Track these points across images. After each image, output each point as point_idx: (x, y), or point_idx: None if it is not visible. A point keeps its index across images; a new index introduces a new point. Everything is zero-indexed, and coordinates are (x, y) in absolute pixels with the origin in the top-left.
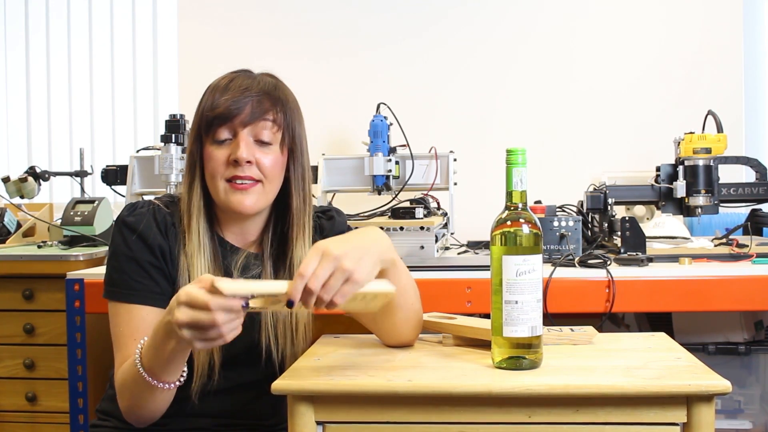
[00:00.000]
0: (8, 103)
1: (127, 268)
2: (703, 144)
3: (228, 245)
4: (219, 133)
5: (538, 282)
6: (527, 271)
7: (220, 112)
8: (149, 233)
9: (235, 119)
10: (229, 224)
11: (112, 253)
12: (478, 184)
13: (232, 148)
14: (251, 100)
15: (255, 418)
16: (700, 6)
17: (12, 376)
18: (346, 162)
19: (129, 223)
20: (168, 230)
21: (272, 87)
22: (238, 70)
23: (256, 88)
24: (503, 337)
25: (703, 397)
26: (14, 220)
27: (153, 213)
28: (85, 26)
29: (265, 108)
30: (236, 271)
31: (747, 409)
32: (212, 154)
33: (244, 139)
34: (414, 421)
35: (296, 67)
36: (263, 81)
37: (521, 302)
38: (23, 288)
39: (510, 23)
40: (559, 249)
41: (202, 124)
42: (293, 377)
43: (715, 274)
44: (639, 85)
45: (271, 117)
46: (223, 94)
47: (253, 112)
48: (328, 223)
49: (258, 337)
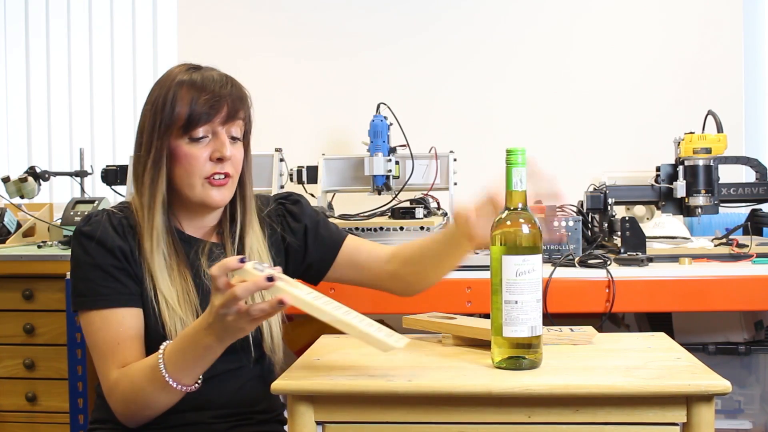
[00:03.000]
0: (8, 103)
1: (92, 275)
2: (703, 144)
3: (186, 237)
4: (197, 132)
5: (537, 282)
6: (527, 271)
7: (202, 111)
8: (107, 238)
9: (215, 119)
10: (189, 217)
11: (74, 265)
12: (478, 184)
13: (215, 145)
14: (227, 99)
15: (246, 406)
16: (700, 6)
17: (12, 376)
18: (346, 162)
19: (86, 232)
20: (126, 232)
21: (239, 88)
22: (192, 65)
23: (228, 87)
24: (503, 337)
25: (703, 397)
26: (14, 220)
27: (108, 218)
28: (85, 26)
29: (237, 107)
30: (203, 261)
31: (747, 409)
32: (190, 153)
33: (224, 137)
34: (414, 421)
35: (296, 67)
36: (226, 78)
37: (521, 302)
38: (23, 288)
39: (510, 23)
40: (559, 249)
41: (176, 121)
42: (293, 377)
43: (715, 274)
44: (639, 85)
45: (242, 115)
46: (199, 93)
47: (229, 111)
48: (296, 207)
49: None
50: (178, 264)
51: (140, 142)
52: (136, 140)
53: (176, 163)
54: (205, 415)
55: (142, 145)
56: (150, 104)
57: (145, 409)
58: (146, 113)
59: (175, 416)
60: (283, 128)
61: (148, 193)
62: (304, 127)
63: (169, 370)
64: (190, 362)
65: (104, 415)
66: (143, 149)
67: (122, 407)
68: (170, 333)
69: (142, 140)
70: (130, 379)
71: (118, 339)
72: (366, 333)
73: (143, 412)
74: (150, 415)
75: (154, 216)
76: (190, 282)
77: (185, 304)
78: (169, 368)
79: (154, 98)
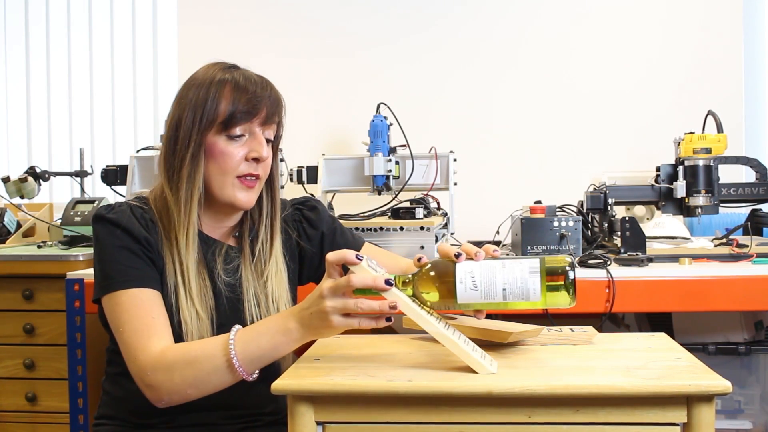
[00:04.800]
0: (8, 103)
1: (120, 257)
2: (703, 144)
3: (204, 236)
4: (236, 130)
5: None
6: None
7: (243, 110)
8: (133, 227)
9: (255, 119)
10: (210, 217)
11: (99, 249)
12: (478, 184)
13: (252, 145)
14: (267, 101)
15: (254, 407)
16: (700, 6)
17: (12, 376)
18: (346, 162)
19: (111, 219)
20: (149, 226)
21: (277, 91)
22: (229, 64)
23: (268, 90)
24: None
25: (703, 398)
26: (14, 220)
27: (131, 210)
28: (85, 26)
29: (275, 111)
30: (219, 263)
31: (747, 409)
32: (226, 150)
33: (262, 138)
34: (414, 421)
35: (296, 66)
36: (266, 81)
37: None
38: (23, 288)
39: (510, 23)
40: (559, 249)
41: (217, 117)
42: (293, 377)
43: (715, 274)
44: (639, 85)
45: (277, 119)
46: (241, 92)
47: (268, 113)
48: (313, 214)
49: (243, 321)
50: (198, 264)
51: (175, 137)
52: (170, 136)
53: (211, 159)
54: (213, 416)
55: (179, 140)
56: (187, 100)
57: (191, 387)
58: (184, 108)
59: (183, 416)
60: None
61: (186, 187)
62: (304, 127)
63: (238, 350)
64: (264, 346)
65: (111, 412)
66: (180, 144)
67: (166, 379)
68: (187, 332)
69: (179, 135)
70: (185, 350)
71: (152, 314)
72: (464, 351)
73: (187, 390)
74: (192, 396)
75: (191, 211)
76: (207, 282)
77: (202, 303)
78: (238, 347)
79: (194, 94)
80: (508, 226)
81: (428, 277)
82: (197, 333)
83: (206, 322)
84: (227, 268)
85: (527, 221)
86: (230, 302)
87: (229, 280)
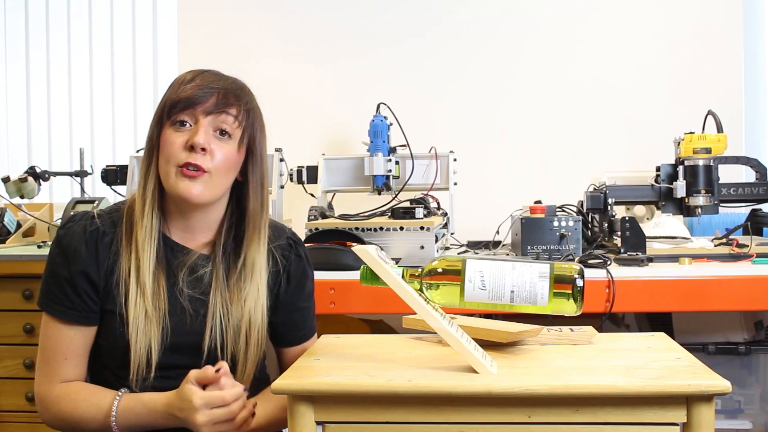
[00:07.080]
0: (8, 103)
1: (56, 281)
2: (703, 144)
3: (171, 242)
4: (179, 116)
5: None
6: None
7: (185, 97)
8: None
9: (198, 106)
10: (176, 220)
11: (48, 264)
12: (477, 184)
13: (191, 133)
14: (217, 92)
15: None
16: (699, 5)
17: (12, 376)
18: (346, 162)
19: (59, 237)
20: (99, 240)
21: (240, 88)
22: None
23: (224, 83)
24: None
25: (703, 397)
26: (14, 220)
27: (85, 227)
28: (85, 26)
29: (229, 102)
30: (182, 271)
31: (747, 409)
32: (169, 138)
33: (203, 127)
34: (414, 421)
35: (296, 67)
36: (232, 80)
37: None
38: (23, 288)
39: (510, 24)
40: (559, 249)
41: (165, 107)
42: (293, 377)
43: (715, 274)
44: (639, 85)
45: (234, 112)
46: (189, 83)
47: (217, 103)
48: (296, 261)
49: (200, 339)
50: (157, 267)
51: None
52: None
53: (160, 150)
54: None
55: (146, 140)
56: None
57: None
58: None
59: None
60: (283, 128)
61: (143, 182)
62: (304, 127)
63: (121, 426)
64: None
65: None
66: (146, 143)
67: (57, 422)
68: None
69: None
70: (74, 405)
71: (66, 354)
72: (466, 350)
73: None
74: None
75: (148, 206)
76: (163, 285)
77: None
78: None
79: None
80: (508, 226)
81: (436, 272)
82: (143, 332)
83: (154, 323)
84: (190, 280)
85: (527, 221)
86: (187, 314)
87: (191, 293)
